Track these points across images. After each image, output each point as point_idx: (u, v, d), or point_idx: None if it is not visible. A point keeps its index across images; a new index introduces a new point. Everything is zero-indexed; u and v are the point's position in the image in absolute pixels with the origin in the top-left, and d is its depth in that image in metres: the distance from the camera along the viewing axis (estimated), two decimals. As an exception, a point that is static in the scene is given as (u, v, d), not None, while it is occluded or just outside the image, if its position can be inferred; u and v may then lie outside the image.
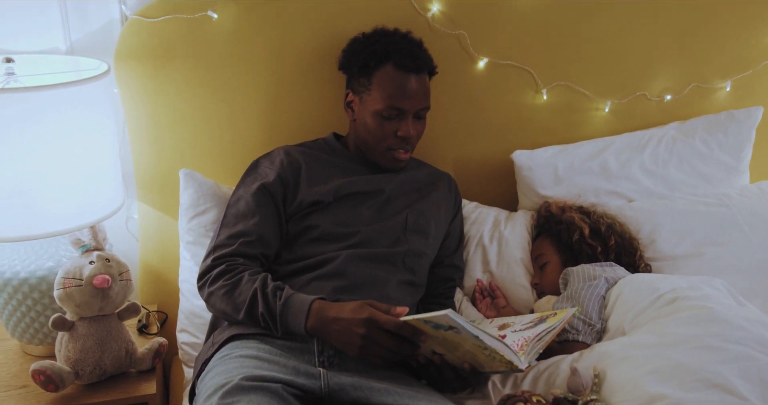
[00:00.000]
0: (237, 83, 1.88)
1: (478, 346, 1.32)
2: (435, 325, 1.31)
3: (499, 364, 1.35)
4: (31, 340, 1.77)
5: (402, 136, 1.72)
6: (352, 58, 1.75)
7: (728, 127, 2.12)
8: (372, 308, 1.38)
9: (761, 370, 1.30)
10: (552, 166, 2.03)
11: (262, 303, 1.47)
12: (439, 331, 1.32)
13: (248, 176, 1.74)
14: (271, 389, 1.30)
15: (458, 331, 1.29)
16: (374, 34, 1.78)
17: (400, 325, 1.33)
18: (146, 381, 1.69)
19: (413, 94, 1.70)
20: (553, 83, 2.06)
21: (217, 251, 1.59)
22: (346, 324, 1.38)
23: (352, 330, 1.37)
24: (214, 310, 1.58)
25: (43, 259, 1.71)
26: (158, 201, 1.93)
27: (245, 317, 1.49)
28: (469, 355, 1.36)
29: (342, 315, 1.39)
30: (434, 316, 1.28)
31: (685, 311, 1.48)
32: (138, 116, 1.86)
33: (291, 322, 1.44)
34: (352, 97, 1.76)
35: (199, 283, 1.58)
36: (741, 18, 2.12)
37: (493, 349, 1.31)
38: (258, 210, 1.64)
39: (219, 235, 1.63)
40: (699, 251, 1.93)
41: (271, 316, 1.46)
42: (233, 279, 1.53)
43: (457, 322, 1.27)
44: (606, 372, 1.40)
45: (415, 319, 1.32)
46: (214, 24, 1.82)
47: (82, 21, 1.80)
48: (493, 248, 1.93)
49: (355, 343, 1.37)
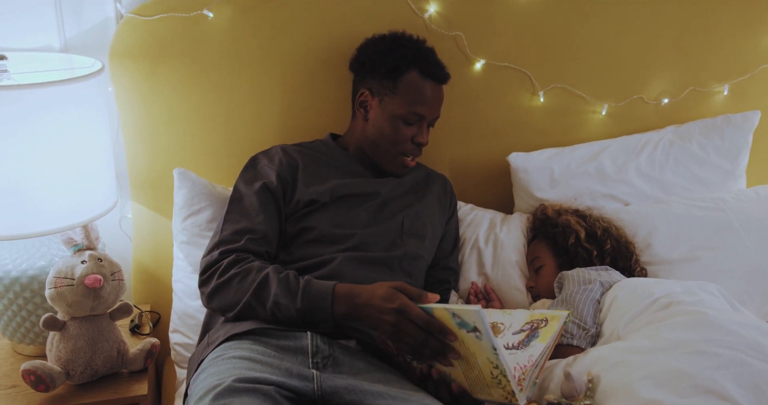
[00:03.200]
0: (232, 83, 1.87)
1: (490, 362, 1.30)
2: (461, 322, 1.29)
3: (500, 392, 1.33)
4: (22, 340, 1.76)
5: (418, 143, 1.75)
6: (378, 58, 1.73)
7: (725, 131, 2.11)
8: (404, 296, 1.36)
9: (755, 376, 1.30)
10: (548, 168, 2.02)
11: (279, 284, 1.46)
12: (462, 331, 1.30)
13: (248, 173, 1.72)
14: (263, 391, 1.29)
15: (480, 337, 1.28)
16: (401, 38, 1.77)
17: (429, 322, 1.32)
18: (138, 382, 1.68)
19: (435, 103, 1.75)
20: (550, 85, 2.05)
21: (224, 245, 1.57)
22: (377, 312, 1.37)
23: (383, 318, 1.36)
24: (218, 304, 1.53)
25: (35, 258, 1.70)
26: (152, 200, 1.92)
27: (255, 302, 1.47)
28: (475, 371, 1.35)
29: (372, 302, 1.39)
30: (463, 309, 1.27)
31: (680, 316, 1.47)
32: (132, 115, 1.85)
33: (314, 306, 1.43)
34: (368, 98, 1.75)
35: (204, 275, 1.56)
36: (738, 22, 2.12)
37: (503, 369, 1.29)
38: (262, 209, 1.64)
39: (223, 231, 1.61)
40: (694, 255, 1.92)
41: (290, 296, 1.45)
42: (245, 267, 1.52)
43: (483, 324, 1.26)
44: (600, 377, 1.39)
45: (444, 308, 1.31)
46: (210, 23, 1.81)
47: (77, 19, 1.79)
48: (488, 251, 1.92)
49: (386, 331, 1.37)
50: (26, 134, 1.48)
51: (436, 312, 1.33)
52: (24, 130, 1.47)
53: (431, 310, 1.33)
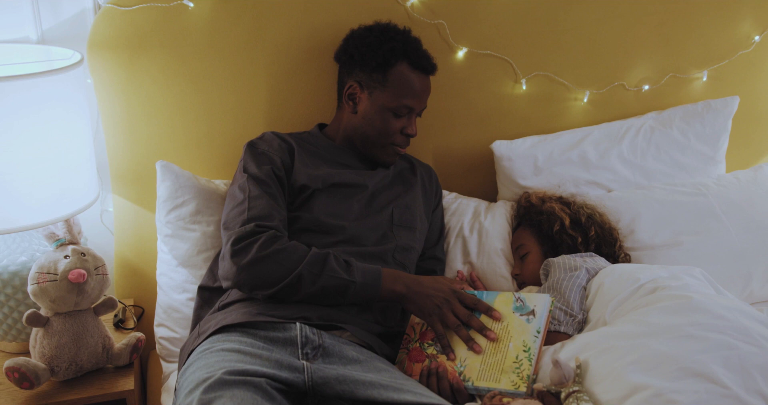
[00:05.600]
0: (213, 73, 1.85)
1: (524, 345, 1.44)
2: (521, 306, 1.50)
3: (512, 377, 1.42)
4: (5, 337, 1.74)
5: (407, 134, 1.77)
6: (366, 51, 1.72)
7: (705, 117, 2.13)
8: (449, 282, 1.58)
9: (742, 359, 1.31)
10: (531, 156, 2.03)
11: (335, 260, 1.54)
12: (515, 315, 1.47)
13: (253, 157, 1.69)
14: (254, 383, 1.29)
15: (530, 320, 1.45)
16: (388, 29, 1.76)
17: (476, 301, 1.53)
18: (124, 377, 1.67)
19: (423, 94, 1.77)
20: (532, 73, 2.06)
21: (259, 220, 1.56)
22: (431, 289, 1.55)
23: (437, 294, 1.53)
24: (253, 276, 1.50)
25: (16, 254, 1.68)
26: (133, 193, 1.90)
27: (308, 275, 1.50)
28: (498, 356, 1.46)
29: (423, 281, 1.57)
30: (533, 295, 1.51)
31: (666, 301, 1.48)
32: (112, 107, 1.82)
33: (367, 282, 1.53)
34: (356, 90, 1.74)
35: (237, 246, 1.52)
36: (717, 8, 2.13)
37: (533, 352, 1.43)
38: (276, 194, 1.64)
39: (251, 208, 1.58)
40: (678, 240, 1.94)
41: (344, 268, 1.53)
42: (290, 244, 1.54)
43: (544, 309, 1.47)
44: (588, 363, 1.40)
45: (512, 293, 1.53)
46: (190, 13, 1.78)
47: (54, 10, 1.76)
48: (473, 239, 1.93)
49: (432, 305, 1.53)
50: (4, 128, 1.45)
51: (501, 296, 1.53)
52: (1, 124, 1.45)
53: (497, 294, 1.54)
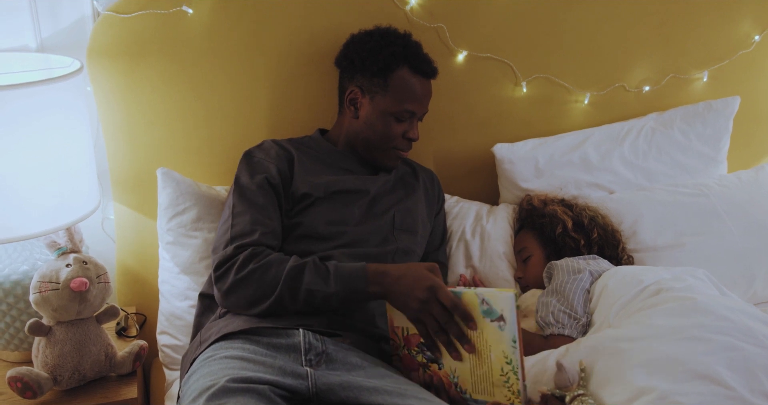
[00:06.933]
0: (213, 79, 1.85)
1: (505, 357, 1.33)
2: (488, 309, 1.32)
3: (504, 392, 1.35)
4: (7, 346, 1.73)
5: (409, 138, 1.76)
6: (367, 56, 1.72)
7: (706, 118, 2.13)
8: (435, 277, 1.41)
9: (747, 360, 1.31)
10: (533, 158, 2.02)
11: (310, 272, 1.48)
12: (485, 321, 1.33)
13: (247, 167, 1.69)
14: (258, 391, 1.28)
15: (502, 327, 1.31)
16: (389, 34, 1.76)
17: (456, 304, 1.35)
18: (127, 385, 1.66)
19: (425, 98, 1.76)
20: (532, 75, 2.05)
21: (238, 240, 1.55)
22: (408, 289, 1.40)
23: (414, 294, 1.39)
24: (237, 300, 1.51)
25: (18, 263, 1.67)
26: (134, 201, 1.89)
27: (287, 294, 1.47)
28: (485, 367, 1.36)
29: (404, 280, 1.42)
30: (494, 293, 1.32)
31: (670, 303, 1.48)
32: (112, 114, 1.82)
33: (350, 287, 1.46)
34: (358, 96, 1.74)
35: (218, 271, 1.53)
36: (717, 8, 2.13)
37: (515, 364, 1.32)
38: (267, 203, 1.63)
39: (234, 226, 1.58)
40: (680, 242, 1.94)
41: (323, 281, 1.47)
42: (263, 261, 1.50)
43: (511, 311, 1.29)
44: (593, 366, 1.40)
45: (474, 292, 1.33)
46: (190, 20, 1.78)
47: (53, 17, 1.75)
48: (475, 243, 1.92)
49: (413, 308, 1.39)
50: (4, 136, 1.45)
51: (465, 297, 1.35)
52: (1, 132, 1.44)
53: (460, 294, 1.36)
